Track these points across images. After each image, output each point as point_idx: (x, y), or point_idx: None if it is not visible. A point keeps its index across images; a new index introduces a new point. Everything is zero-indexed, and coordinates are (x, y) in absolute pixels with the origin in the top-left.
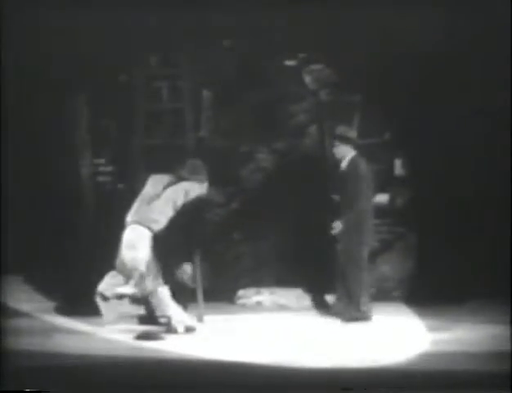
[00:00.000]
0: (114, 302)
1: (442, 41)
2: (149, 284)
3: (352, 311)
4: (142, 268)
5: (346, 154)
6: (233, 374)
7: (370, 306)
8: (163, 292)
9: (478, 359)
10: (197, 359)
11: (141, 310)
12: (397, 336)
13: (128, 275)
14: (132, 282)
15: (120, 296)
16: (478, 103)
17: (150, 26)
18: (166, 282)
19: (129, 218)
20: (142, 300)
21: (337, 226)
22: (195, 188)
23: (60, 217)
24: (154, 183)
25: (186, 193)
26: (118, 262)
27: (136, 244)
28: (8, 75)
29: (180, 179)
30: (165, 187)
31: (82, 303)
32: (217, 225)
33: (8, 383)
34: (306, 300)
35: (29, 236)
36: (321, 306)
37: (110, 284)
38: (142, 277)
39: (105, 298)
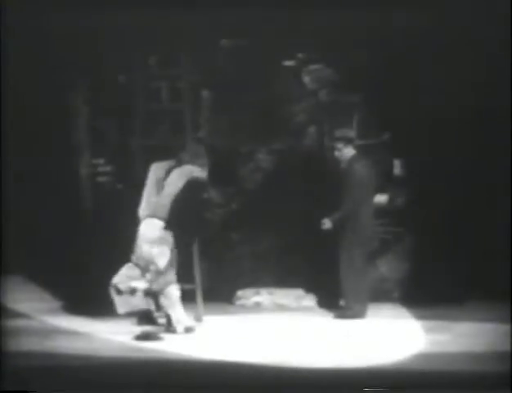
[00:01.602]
0: (127, 296)
1: (442, 41)
2: (162, 280)
3: (343, 309)
4: (159, 263)
5: (347, 154)
6: (232, 374)
7: (362, 305)
8: (173, 291)
9: (478, 359)
10: (196, 360)
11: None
12: (397, 336)
13: (144, 269)
14: (148, 276)
15: (133, 290)
16: (479, 103)
17: (150, 26)
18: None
19: (141, 211)
20: (152, 295)
21: (326, 222)
22: (196, 171)
23: (60, 217)
24: (156, 170)
25: (188, 175)
26: (135, 255)
27: (152, 238)
28: (8, 75)
29: (181, 163)
30: (167, 172)
31: (81, 303)
32: (217, 225)
33: (8, 384)
34: (305, 300)
35: (29, 236)
36: (320, 306)
37: (125, 277)
38: (158, 272)
39: (119, 291)
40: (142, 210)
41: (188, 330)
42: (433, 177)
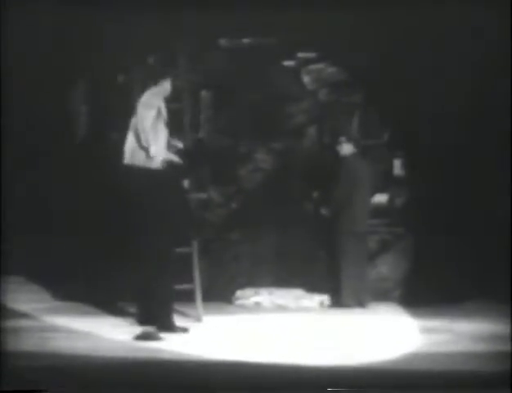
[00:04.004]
0: None
1: (442, 40)
2: None
3: (340, 302)
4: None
5: (346, 151)
6: (232, 374)
7: (359, 298)
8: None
9: (478, 358)
10: (196, 359)
11: None
12: (396, 335)
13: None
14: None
15: None
16: (479, 103)
17: (150, 26)
18: None
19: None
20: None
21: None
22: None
23: (60, 217)
24: None
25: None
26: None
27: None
28: (8, 75)
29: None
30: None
31: (81, 303)
32: (216, 225)
33: (8, 383)
34: (304, 300)
35: (29, 236)
36: (320, 306)
37: None
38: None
39: None
40: None
41: (183, 330)
42: (432, 177)
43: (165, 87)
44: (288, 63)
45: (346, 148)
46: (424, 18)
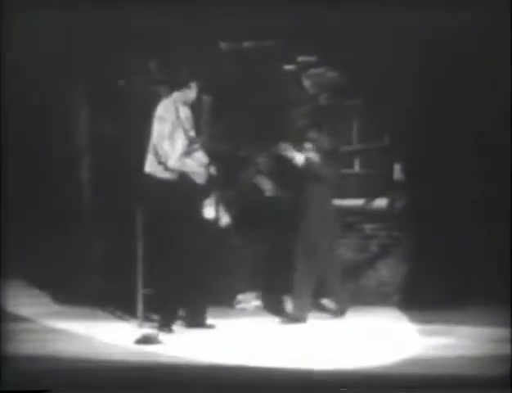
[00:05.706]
0: None
1: (443, 43)
2: None
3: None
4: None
5: (310, 160)
6: (232, 378)
7: (304, 308)
8: None
9: (478, 362)
10: (196, 363)
11: None
12: (397, 340)
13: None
14: None
15: None
16: (479, 106)
17: (150, 28)
18: None
19: None
20: None
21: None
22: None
23: (61, 220)
24: None
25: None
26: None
27: None
28: (8, 76)
29: None
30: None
31: (82, 307)
32: (217, 229)
33: (8, 387)
34: None
35: (30, 240)
36: (320, 309)
37: None
38: None
39: None
40: None
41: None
42: (433, 181)
43: (187, 93)
44: (288, 67)
45: (307, 157)
46: (424, 20)
